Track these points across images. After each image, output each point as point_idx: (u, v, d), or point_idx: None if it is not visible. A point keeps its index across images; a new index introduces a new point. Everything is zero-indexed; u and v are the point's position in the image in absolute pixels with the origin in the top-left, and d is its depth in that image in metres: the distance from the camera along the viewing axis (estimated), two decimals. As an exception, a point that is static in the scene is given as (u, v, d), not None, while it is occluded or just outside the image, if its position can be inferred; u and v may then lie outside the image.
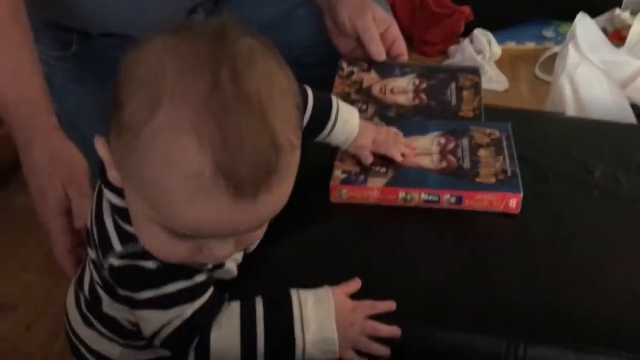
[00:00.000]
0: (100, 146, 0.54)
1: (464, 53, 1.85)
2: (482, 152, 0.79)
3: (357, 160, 0.78)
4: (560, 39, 1.93)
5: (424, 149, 0.80)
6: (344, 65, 0.98)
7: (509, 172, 0.76)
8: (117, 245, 0.57)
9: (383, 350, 0.62)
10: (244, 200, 0.47)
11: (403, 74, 0.96)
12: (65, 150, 0.78)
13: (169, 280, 0.57)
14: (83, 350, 0.73)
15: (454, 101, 0.91)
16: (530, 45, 1.97)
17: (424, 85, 0.94)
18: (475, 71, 0.98)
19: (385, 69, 0.97)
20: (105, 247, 0.58)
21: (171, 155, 0.46)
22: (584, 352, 0.62)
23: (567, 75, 1.18)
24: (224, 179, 0.46)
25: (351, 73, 0.96)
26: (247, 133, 0.46)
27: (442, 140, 0.81)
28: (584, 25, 1.29)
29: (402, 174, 0.76)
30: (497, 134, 0.82)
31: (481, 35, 1.86)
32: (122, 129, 0.48)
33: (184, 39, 0.49)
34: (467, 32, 1.90)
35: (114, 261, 0.58)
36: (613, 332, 0.63)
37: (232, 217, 0.48)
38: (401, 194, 0.74)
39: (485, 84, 1.78)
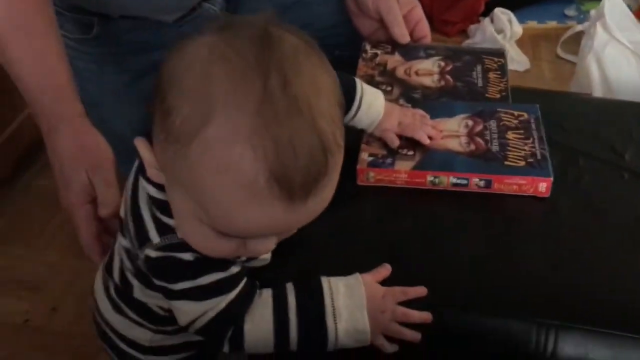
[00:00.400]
0: (141, 146, 0.54)
1: (484, 32, 1.83)
2: (510, 135, 0.78)
3: (383, 143, 0.78)
4: (583, 17, 1.92)
5: (451, 132, 0.79)
6: (367, 47, 0.97)
7: (539, 155, 0.75)
8: (155, 237, 0.58)
9: (415, 335, 0.62)
10: (295, 204, 0.48)
11: (428, 56, 0.95)
12: (91, 138, 0.78)
13: (205, 272, 0.58)
14: (112, 336, 0.74)
15: (480, 83, 0.90)
16: (552, 24, 1.95)
17: (449, 67, 0.92)
18: (500, 53, 0.97)
19: (410, 51, 0.96)
20: (142, 238, 0.59)
21: (225, 165, 0.46)
22: (616, 338, 0.62)
23: (594, 56, 1.16)
24: (278, 186, 0.46)
25: (375, 55, 0.95)
26: (298, 140, 0.46)
27: (470, 123, 0.80)
28: (612, 4, 1.27)
29: (430, 157, 0.76)
30: (525, 116, 0.81)
31: (502, 14, 1.83)
32: (171, 136, 0.48)
33: (228, 42, 0.49)
34: (488, 11, 1.87)
35: (151, 252, 0.58)
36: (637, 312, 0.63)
37: (284, 220, 0.49)
38: (429, 177, 0.74)
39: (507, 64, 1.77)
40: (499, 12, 1.84)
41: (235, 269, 0.59)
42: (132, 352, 0.73)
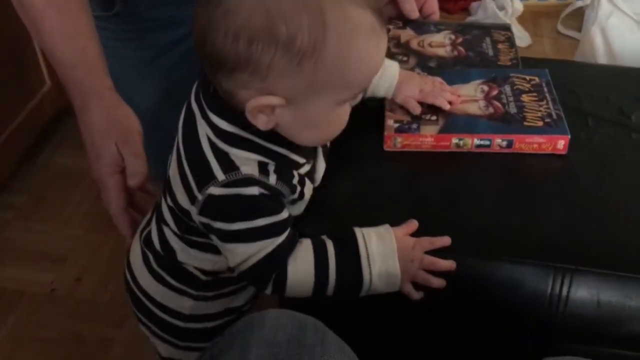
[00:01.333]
0: (262, 99, 0.58)
1: (486, 9, 1.86)
2: (525, 98, 0.82)
3: (406, 110, 0.80)
4: (582, -7, 1.94)
5: (469, 96, 0.82)
6: None
7: (555, 115, 0.79)
8: (220, 175, 0.61)
9: (440, 282, 0.67)
10: (384, 33, 0.60)
11: (438, 30, 0.99)
12: (120, 110, 0.80)
13: (262, 214, 0.62)
14: (152, 306, 0.77)
15: (491, 52, 0.94)
16: (551, 0, 1.98)
17: (460, 40, 0.96)
18: (507, 27, 1.01)
19: (421, 26, 1.00)
20: (205, 178, 0.62)
21: (355, 29, 0.57)
22: (624, 279, 0.67)
23: (598, 26, 1.20)
24: (380, 22, 0.58)
25: (387, 30, 0.98)
26: None
27: (485, 88, 0.84)
28: (615, -23, 1.30)
29: (453, 121, 0.79)
30: (536, 80, 0.85)
31: (503, -9, 1.86)
32: (305, 54, 0.55)
33: None
34: (489, -12, 1.90)
35: (215, 190, 0.62)
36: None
37: (384, 50, 0.61)
38: (454, 140, 0.77)
39: (509, 40, 1.80)
40: (500, -12, 1.87)
41: (285, 214, 0.64)
42: (173, 321, 0.76)
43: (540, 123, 0.78)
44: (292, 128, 0.61)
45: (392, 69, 0.80)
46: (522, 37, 1.82)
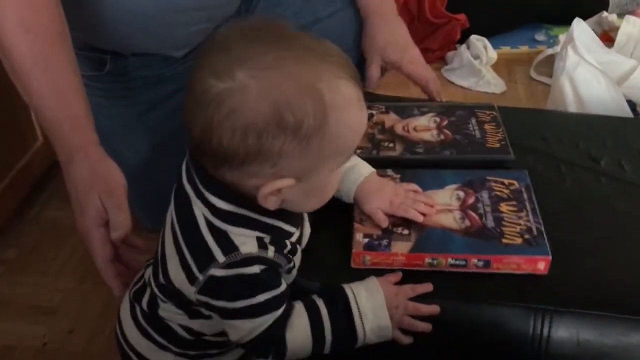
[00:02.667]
0: (276, 184, 0.60)
1: (461, 58, 1.92)
2: (504, 207, 0.78)
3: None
4: (552, 41, 2.03)
5: (444, 204, 0.78)
6: None
7: (534, 231, 0.74)
8: (220, 256, 0.63)
9: (426, 326, 0.70)
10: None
11: (422, 113, 0.98)
12: (104, 164, 0.82)
13: (263, 290, 0.64)
14: (136, 359, 0.77)
15: (478, 134, 0.93)
16: (524, 48, 2.06)
17: (445, 122, 0.95)
18: (491, 107, 1.00)
19: (404, 109, 0.99)
20: (206, 259, 0.63)
21: (348, 103, 0.60)
22: (602, 318, 0.70)
23: (567, 76, 1.26)
24: (361, 93, 0.62)
25: (371, 115, 0.96)
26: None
27: (461, 194, 0.80)
28: (580, 29, 1.38)
29: (427, 236, 0.74)
30: (516, 184, 0.81)
31: (477, 41, 1.93)
32: (312, 136, 0.58)
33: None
34: (464, 38, 1.97)
35: (217, 272, 0.63)
36: (626, 297, 0.72)
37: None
38: (427, 260, 0.73)
39: (484, 87, 1.87)
40: (474, 39, 1.93)
41: (283, 287, 0.66)
42: None
43: (519, 240, 0.73)
44: (299, 201, 0.64)
45: (354, 173, 0.78)
46: (497, 84, 1.88)
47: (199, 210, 0.64)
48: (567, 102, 1.26)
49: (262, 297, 0.64)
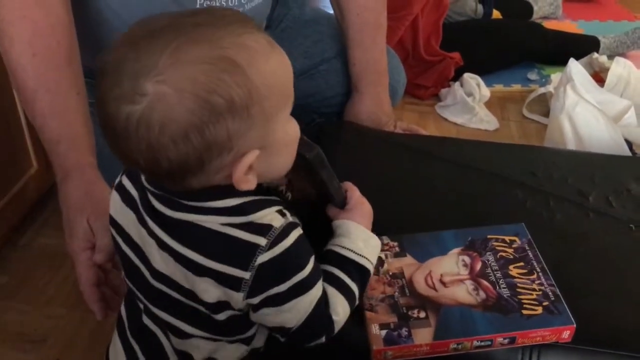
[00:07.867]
0: (243, 164, 0.59)
1: (455, 96, 1.95)
2: (513, 271, 0.76)
3: (387, 304, 0.72)
4: (544, 81, 2.07)
5: (452, 275, 0.75)
6: None
7: (551, 295, 0.73)
8: (262, 240, 0.60)
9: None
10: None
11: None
12: (97, 187, 0.82)
13: (308, 252, 0.64)
14: None
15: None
16: (516, 87, 2.10)
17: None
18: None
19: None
20: (246, 255, 0.60)
21: (263, 50, 0.59)
22: (588, 352, 0.71)
23: (566, 114, 1.27)
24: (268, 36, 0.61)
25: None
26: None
27: (467, 259, 0.77)
28: (576, 69, 1.40)
29: (446, 318, 0.71)
30: (517, 241, 0.79)
31: (470, 78, 1.96)
32: (246, 107, 0.57)
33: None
34: (458, 76, 2.01)
35: (264, 257, 0.60)
36: (614, 331, 0.73)
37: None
38: (452, 345, 0.69)
39: (477, 124, 1.90)
40: (467, 76, 1.97)
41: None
42: None
43: (539, 309, 0.71)
44: (273, 166, 0.63)
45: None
46: (490, 121, 1.91)
47: (209, 224, 0.61)
48: (567, 140, 1.27)
49: (309, 261, 0.64)
